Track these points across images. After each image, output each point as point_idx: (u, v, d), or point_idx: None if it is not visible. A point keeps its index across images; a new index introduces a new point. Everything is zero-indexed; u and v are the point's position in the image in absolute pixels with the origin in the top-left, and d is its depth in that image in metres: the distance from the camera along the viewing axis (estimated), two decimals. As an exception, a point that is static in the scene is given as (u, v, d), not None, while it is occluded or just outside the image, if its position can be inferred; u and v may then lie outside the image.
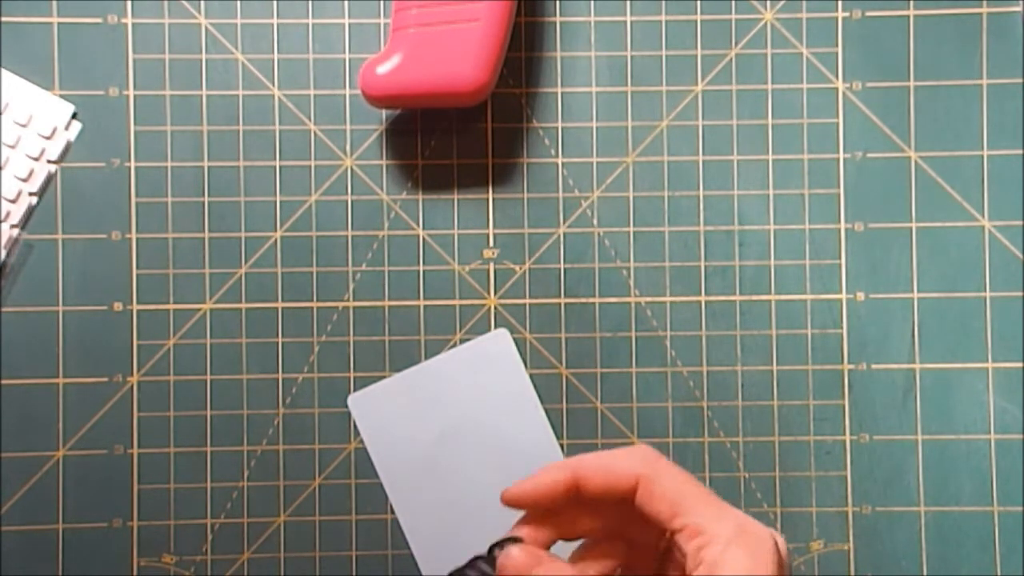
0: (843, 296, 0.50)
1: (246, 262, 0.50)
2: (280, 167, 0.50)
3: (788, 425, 0.50)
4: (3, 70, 0.49)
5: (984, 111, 0.50)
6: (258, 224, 0.50)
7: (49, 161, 0.50)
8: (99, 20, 0.50)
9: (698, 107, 0.50)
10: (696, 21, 0.50)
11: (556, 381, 0.50)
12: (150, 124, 0.50)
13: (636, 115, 0.50)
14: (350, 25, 0.50)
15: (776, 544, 0.34)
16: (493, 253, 0.50)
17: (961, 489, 0.50)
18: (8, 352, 0.49)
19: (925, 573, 0.49)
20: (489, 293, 0.50)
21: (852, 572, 0.49)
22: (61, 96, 0.50)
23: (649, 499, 0.35)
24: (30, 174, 0.49)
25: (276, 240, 0.50)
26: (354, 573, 0.49)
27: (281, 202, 0.50)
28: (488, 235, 0.50)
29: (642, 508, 0.35)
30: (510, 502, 0.36)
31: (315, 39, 0.50)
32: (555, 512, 0.37)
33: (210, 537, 0.49)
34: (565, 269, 0.50)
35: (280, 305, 0.50)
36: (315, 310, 0.50)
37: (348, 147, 0.50)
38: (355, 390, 0.49)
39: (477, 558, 0.36)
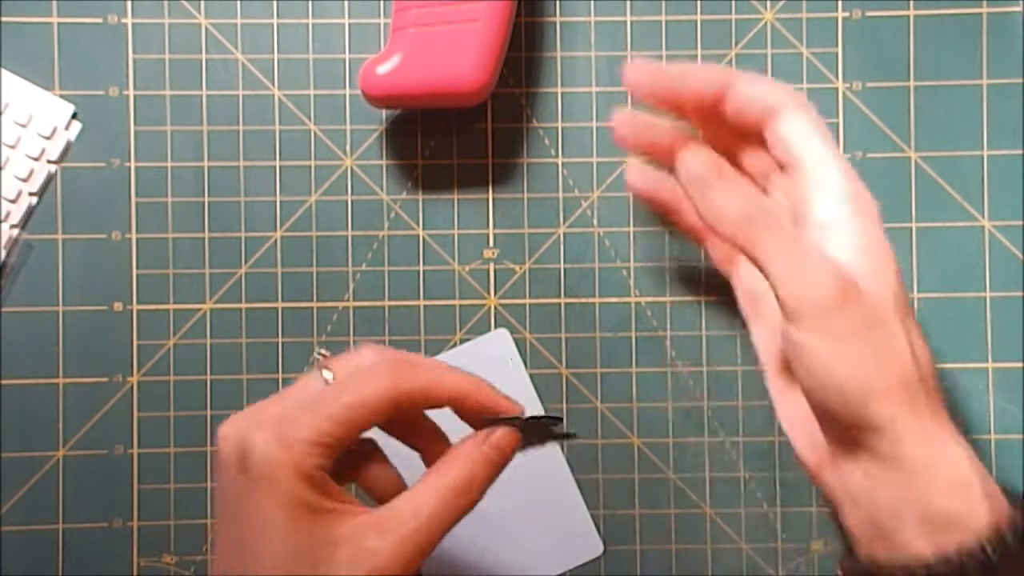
0: (843, 296, 0.50)
1: (246, 262, 0.50)
2: (280, 167, 0.50)
3: (788, 425, 0.50)
4: (3, 70, 0.49)
5: (984, 111, 0.50)
6: (258, 224, 0.50)
7: (49, 161, 0.50)
8: (99, 20, 0.50)
9: (698, 107, 0.50)
10: (696, 21, 0.50)
11: (556, 381, 0.50)
12: (150, 124, 0.50)
13: (636, 115, 0.50)
14: (350, 25, 0.50)
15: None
16: (493, 253, 0.50)
17: (961, 489, 0.50)
18: (8, 352, 0.49)
19: (925, 573, 0.49)
20: (489, 293, 0.50)
21: (852, 572, 0.49)
22: (61, 96, 0.50)
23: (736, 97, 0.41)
24: (30, 174, 0.49)
25: (276, 240, 0.50)
26: (354, 573, 0.49)
27: (281, 202, 0.50)
28: (488, 235, 0.50)
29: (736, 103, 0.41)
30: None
31: (315, 39, 0.50)
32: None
33: (210, 537, 0.49)
34: (565, 269, 0.50)
35: (280, 305, 0.50)
36: (315, 310, 0.50)
37: (348, 147, 0.50)
38: (355, 390, 0.49)
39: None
